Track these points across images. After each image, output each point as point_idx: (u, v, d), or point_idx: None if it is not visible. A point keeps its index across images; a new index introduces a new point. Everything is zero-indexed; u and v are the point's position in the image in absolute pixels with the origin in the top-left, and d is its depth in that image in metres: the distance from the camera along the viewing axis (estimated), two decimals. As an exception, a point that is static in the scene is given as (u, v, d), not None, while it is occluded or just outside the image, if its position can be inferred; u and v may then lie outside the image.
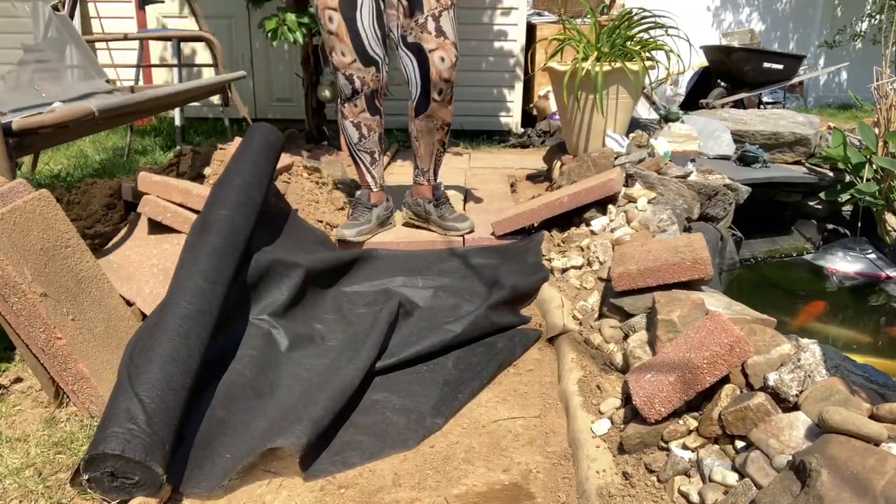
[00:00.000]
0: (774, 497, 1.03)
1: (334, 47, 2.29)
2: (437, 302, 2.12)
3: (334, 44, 2.28)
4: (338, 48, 2.27)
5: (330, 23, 2.24)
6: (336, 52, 2.29)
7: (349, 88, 2.36)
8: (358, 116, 2.44)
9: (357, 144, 2.53)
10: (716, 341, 1.31)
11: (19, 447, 1.43)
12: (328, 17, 2.22)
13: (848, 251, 3.24)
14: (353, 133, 2.50)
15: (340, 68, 2.33)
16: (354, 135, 2.50)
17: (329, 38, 2.29)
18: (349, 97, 2.40)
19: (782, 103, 6.21)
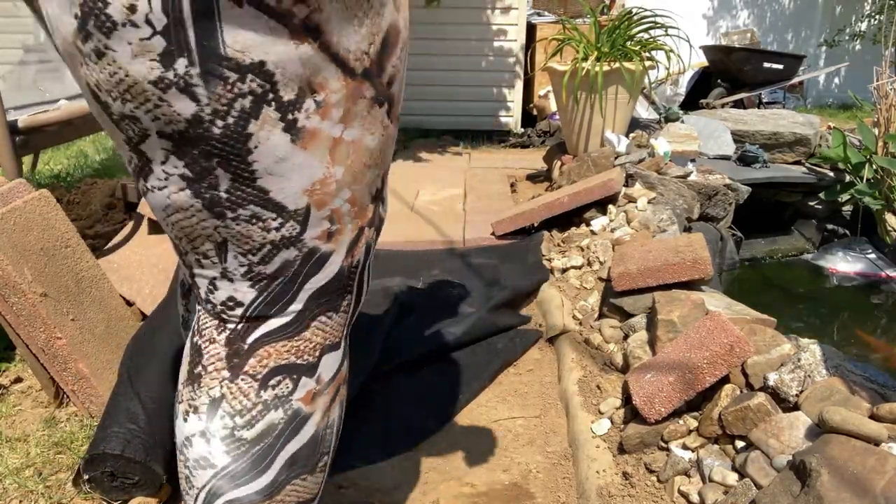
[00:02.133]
0: (774, 497, 1.03)
1: None
2: (437, 303, 2.12)
3: None
4: None
5: None
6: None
7: None
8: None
9: None
10: (716, 341, 1.31)
11: (19, 447, 1.43)
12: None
13: (848, 251, 3.24)
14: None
15: None
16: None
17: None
18: None
19: (782, 103, 6.21)
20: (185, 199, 0.56)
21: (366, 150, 0.60)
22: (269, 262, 0.60)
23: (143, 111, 0.54)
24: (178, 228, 0.59)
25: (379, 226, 0.69)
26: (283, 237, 0.59)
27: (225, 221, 0.57)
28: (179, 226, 0.58)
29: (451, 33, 5.07)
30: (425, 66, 5.12)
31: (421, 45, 5.06)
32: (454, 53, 5.13)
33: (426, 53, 5.09)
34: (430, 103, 5.23)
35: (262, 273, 0.60)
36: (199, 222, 0.57)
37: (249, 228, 0.57)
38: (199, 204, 0.56)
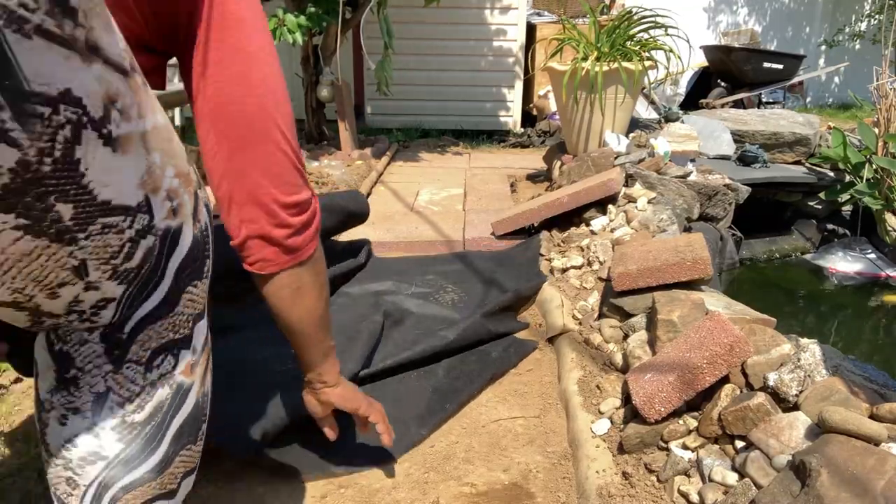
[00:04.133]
0: (774, 497, 1.03)
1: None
2: (431, 307, 2.10)
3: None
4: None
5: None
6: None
7: None
8: None
9: None
10: (716, 341, 1.31)
11: (19, 447, 1.43)
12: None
13: (848, 251, 3.24)
14: None
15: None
16: None
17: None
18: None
19: (782, 103, 6.21)
20: (25, 245, 0.53)
21: (164, 128, 0.62)
22: (132, 257, 0.60)
23: None
24: (22, 278, 0.55)
25: (202, 184, 0.71)
26: (137, 231, 0.59)
27: (79, 244, 0.56)
28: (24, 274, 0.55)
29: (451, 33, 5.08)
30: (425, 66, 5.12)
31: (421, 45, 5.06)
32: (454, 53, 5.13)
33: (426, 53, 5.10)
34: (430, 103, 5.23)
35: (127, 268, 0.60)
36: (48, 259, 0.55)
37: (105, 239, 0.57)
38: (46, 241, 0.54)
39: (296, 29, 3.40)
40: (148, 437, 0.66)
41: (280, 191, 0.82)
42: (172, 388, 0.68)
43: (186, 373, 0.69)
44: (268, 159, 0.80)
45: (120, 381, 0.64)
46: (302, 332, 0.98)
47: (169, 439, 0.68)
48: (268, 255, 0.85)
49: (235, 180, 0.80)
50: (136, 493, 0.67)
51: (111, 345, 0.63)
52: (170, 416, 0.68)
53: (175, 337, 0.67)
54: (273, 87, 0.79)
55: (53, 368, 0.65)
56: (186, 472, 0.72)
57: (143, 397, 0.65)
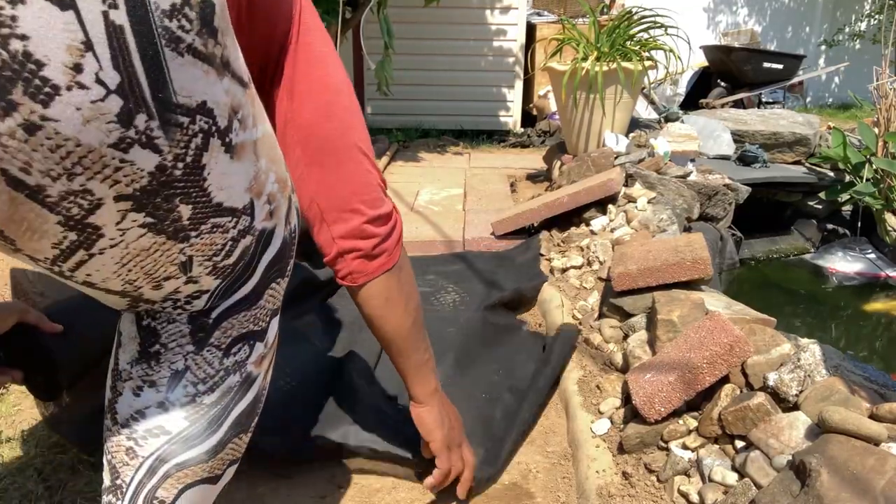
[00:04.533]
0: (774, 497, 1.03)
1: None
2: (432, 308, 2.10)
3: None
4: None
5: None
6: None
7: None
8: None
9: None
10: (716, 341, 1.31)
11: (19, 447, 1.43)
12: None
13: (848, 251, 3.24)
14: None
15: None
16: None
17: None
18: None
19: (782, 103, 6.21)
20: (146, 242, 0.58)
21: (270, 136, 0.67)
22: (231, 254, 0.64)
23: (100, 179, 0.51)
24: (137, 271, 0.60)
25: (293, 186, 0.75)
26: (239, 231, 0.63)
27: (190, 241, 0.60)
28: (139, 268, 0.59)
29: (451, 33, 5.07)
30: (425, 65, 5.12)
31: (421, 45, 5.05)
32: (454, 53, 5.13)
33: (426, 53, 5.09)
34: (430, 103, 5.23)
35: (225, 265, 0.64)
36: (162, 254, 0.59)
37: (213, 238, 0.61)
38: (164, 238, 0.58)
39: (296, 29, 3.40)
40: (211, 420, 0.70)
41: (366, 205, 0.92)
42: (242, 376, 0.71)
43: (256, 364, 0.73)
44: (354, 177, 0.90)
45: (198, 363, 0.68)
46: (393, 342, 1.04)
47: (228, 425, 0.71)
48: (358, 266, 0.94)
49: (326, 199, 0.89)
50: (188, 472, 0.70)
51: (196, 328, 0.67)
52: (234, 403, 0.71)
53: (254, 328, 0.71)
54: (354, 114, 0.89)
55: (138, 341, 0.68)
56: (232, 460, 0.75)
57: (215, 380, 0.69)
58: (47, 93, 0.46)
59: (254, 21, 0.73)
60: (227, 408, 0.71)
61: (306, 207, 0.90)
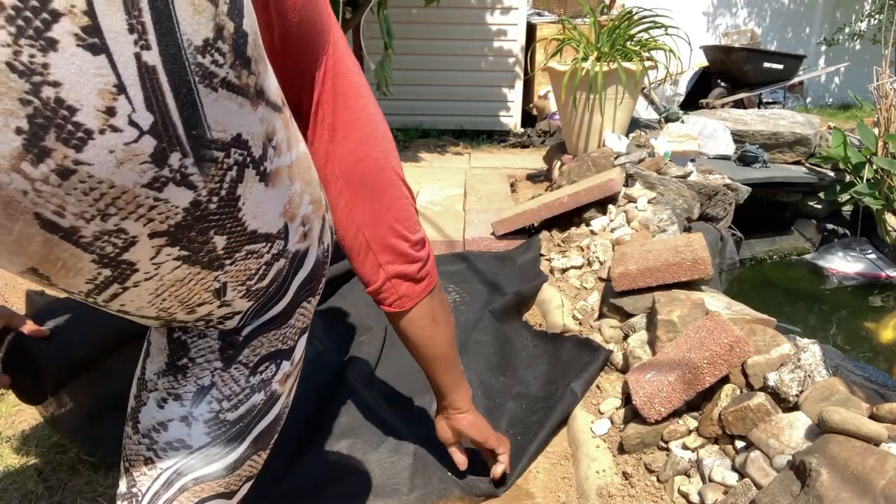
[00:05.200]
0: (774, 497, 1.03)
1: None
2: None
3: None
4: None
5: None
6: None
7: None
8: None
9: None
10: (716, 341, 1.31)
11: (19, 447, 1.43)
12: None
13: (848, 251, 3.24)
14: None
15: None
16: None
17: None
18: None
19: (782, 103, 6.21)
20: (181, 273, 0.57)
21: (305, 156, 0.66)
22: (264, 278, 0.63)
23: (134, 219, 0.51)
24: (171, 301, 0.59)
25: (327, 205, 0.75)
26: (273, 255, 0.63)
27: (224, 269, 0.59)
28: (173, 297, 0.59)
29: (451, 33, 5.07)
30: (425, 66, 5.12)
31: (421, 45, 5.05)
32: (454, 53, 5.12)
33: (426, 53, 5.09)
34: (430, 103, 5.22)
35: (258, 288, 0.64)
36: (196, 283, 0.59)
37: (247, 264, 0.61)
38: (198, 268, 0.58)
39: (296, 29, 3.40)
40: (232, 437, 0.69)
41: (409, 231, 0.93)
42: (267, 394, 0.70)
43: (281, 382, 0.72)
44: (396, 204, 0.92)
45: (225, 379, 0.67)
46: (440, 359, 1.06)
47: (248, 442, 0.71)
48: (405, 290, 0.96)
49: (371, 228, 0.90)
50: (205, 486, 0.69)
51: (227, 344, 0.67)
52: (256, 421, 0.71)
53: (282, 347, 0.70)
54: (390, 140, 0.91)
55: (166, 353, 0.68)
56: (249, 476, 0.74)
57: (240, 398, 0.68)
58: (80, 137, 0.45)
59: (287, 46, 0.72)
60: (250, 426, 0.70)
61: (352, 237, 0.91)
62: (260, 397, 0.70)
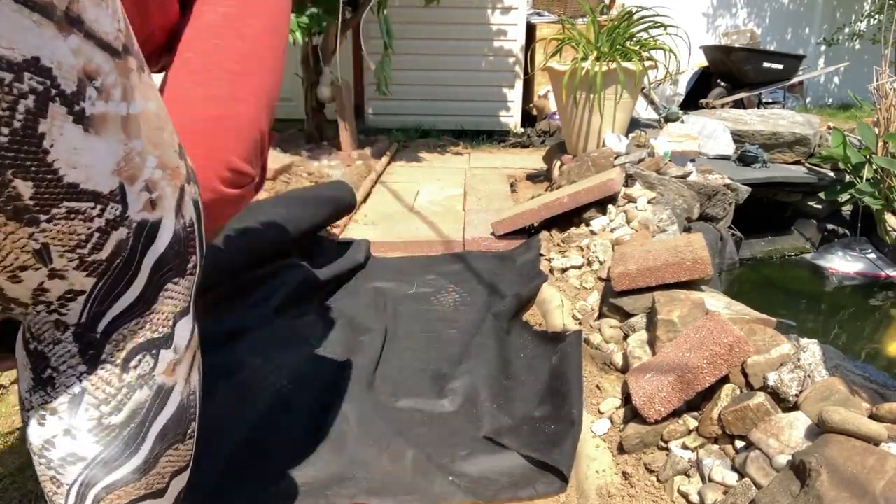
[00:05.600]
0: (774, 497, 1.03)
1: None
2: (433, 308, 2.10)
3: None
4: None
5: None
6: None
7: None
8: None
9: None
10: (716, 341, 1.31)
11: (19, 447, 1.43)
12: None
13: (848, 251, 3.24)
14: None
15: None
16: None
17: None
18: None
19: (782, 103, 6.21)
20: None
21: (153, 116, 0.60)
22: (101, 248, 0.58)
23: None
24: None
25: (194, 177, 0.69)
26: (108, 220, 0.57)
27: (40, 226, 0.54)
28: None
29: (451, 33, 5.07)
30: (425, 65, 5.12)
31: (421, 45, 5.05)
32: (454, 53, 5.13)
33: (426, 53, 5.09)
34: (430, 103, 5.22)
35: (97, 260, 0.58)
36: (5, 238, 0.53)
37: (71, 225, 0.55)
38: (3, 218, 0.52)
39: (296, 28, 3.40)
40: (128, 439, 0.65)
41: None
42: (152, 389, 0.66)
43: (168, 373, 0.67)
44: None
45: (95, 383, 0.63)
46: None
47: (152, 440, 0.67)
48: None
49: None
50: (121, 492, 0.66)
51: (85, 345, 0.62)
52: (151, 418, 0.66)
53: (153, 336, 0.65)
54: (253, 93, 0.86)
55: (30, 367, 0.63)
56: (176, 471, 0.71)
57: (120, 399, 0.64)
58: None
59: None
60: (144, 424, 0.66)
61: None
62: (144, 393, 0.65)
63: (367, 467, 1.36)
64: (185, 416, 0.71)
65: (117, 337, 0.63)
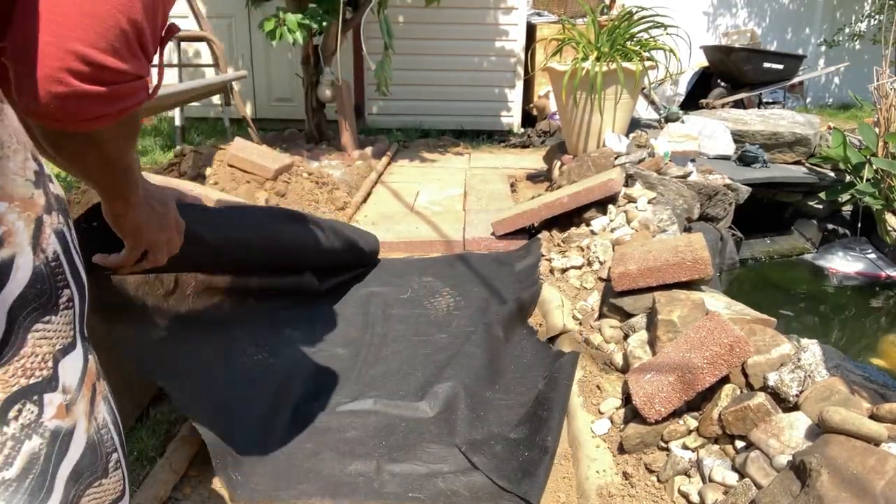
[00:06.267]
0: (774, 497, 1.03)
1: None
2: (425, 311, 2.09)
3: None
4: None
5: None
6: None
7: None
8: None
9: None
10: (716, 341, 1.31)
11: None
12: None
13: (848, 251, 3.24)
14: None
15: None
16: None
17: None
18: None
19: (782, 103, 6.20)
20: None
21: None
22: None
23: None
24: None
25: (61, 206, 0.64)
26: None
27: None
28: None
29: (452, 33, 5.07)
30: (426, 66, 5.12)
31: (421, 45, 5.05)
32: (455, 53, 5.13)
33: (426, 53, 5.09)
34: (430, 103, 5.22)
35: None
36: None
37: None
38: None
39: (296, 29, 3.40)
40: (31, 490, 0.59)
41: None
42: (44, 436, 0.60)
43: (60, 416, 0.61)
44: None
45: None
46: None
47: (62, 486, 0.61)
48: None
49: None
50: None
51: None
52: (54, 464, 0.61)
53: (30, 382, 0.59)
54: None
55: None
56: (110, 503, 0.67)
57: (6, 453, 0.58)
58: None
59: None
60: (47, 472, 0.60)
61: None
62: (35, 442, 0.59)
63: (357, 472, 1.35)
64: (99, 451, 0.66)
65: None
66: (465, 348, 1.77)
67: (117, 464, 0.68)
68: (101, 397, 0.68)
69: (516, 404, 1.60)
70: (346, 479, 1.33)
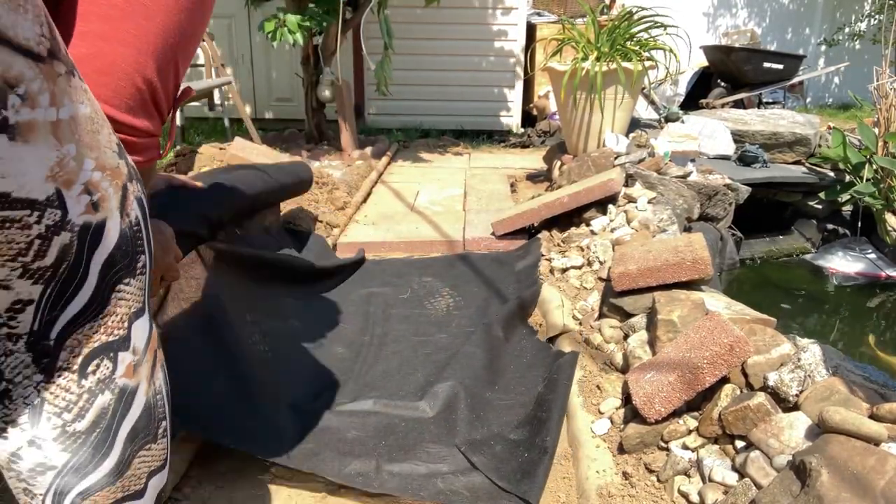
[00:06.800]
0: (774, 497, 1.03)
1: None
2: (425, 311, 2.09)
3: None
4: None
5: None
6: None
7: None
8: None
9: None
10: (716, 341, 1.31)
11: None
12: None
13: (848, 251, 3.24)
14: None
15: None
16: None
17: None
18: None
19: (782, 103, 6.21)
20: None
21: (87, 119, 0.59)
22: (45, 254, 0.56)
23: None
24: None
25: (138, 176, 0.68)
26: (47, 227, 0.55)
27: None
28: None
29: (452, 33, 5.08)
30: (425, 66, 5.12)
31: (421, 45, 5.06)
32: (454, 53, 5.13)
33: (426, 53, 5.10)
34: (430, 103, 5.23)
35: (41, 267, 0.57)
36: None
37: (7, 234, 0.53)
38: None
39: (296, 29, 3.40)
40: (96, 444, 0.64)
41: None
42: (114, 392, 0.65)
43: (129, 375, 0.66)
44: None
45: (53, 391, 0.61)
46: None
47: (121, 443, 0.66)
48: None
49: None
50: (97, 497, 0.65)
51: (39, 354, 0.60)
52: (118, 421, 0.65)
53: (109, 339, 0.64)
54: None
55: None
56: (152, 471, 0.71)
57: (81, 405, 0.63)
58: None
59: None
60: (111, 428, 0.65)
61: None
62: (107, 398, 0.64)
63: (356, 472, 1.35)
64: (153, 415, 0.70)
65: (72, 343, 0.61)
66: (465, 348, 1.77)
67: (165, 432, 0.72)
68: (160, 364, 0.73)
69: (516, 404, 1.60)
70: (346, 478, 1.32)
